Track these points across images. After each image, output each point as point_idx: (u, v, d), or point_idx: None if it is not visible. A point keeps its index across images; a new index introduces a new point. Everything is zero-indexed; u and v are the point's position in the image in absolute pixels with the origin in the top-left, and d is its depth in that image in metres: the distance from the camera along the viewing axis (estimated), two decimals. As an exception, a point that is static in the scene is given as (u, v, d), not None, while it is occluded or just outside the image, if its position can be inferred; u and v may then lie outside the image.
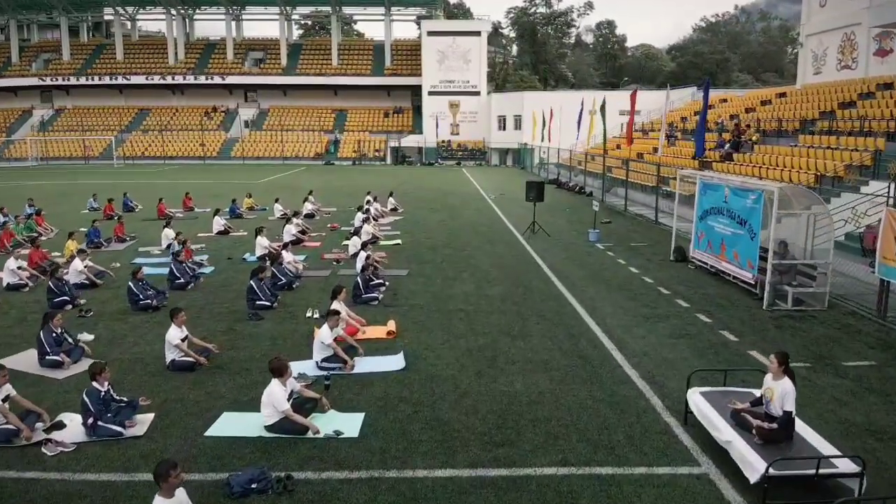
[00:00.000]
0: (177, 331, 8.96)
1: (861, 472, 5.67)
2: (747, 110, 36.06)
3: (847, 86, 29.55)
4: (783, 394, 6.37)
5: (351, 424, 7.24)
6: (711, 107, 43.38)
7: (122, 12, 72.31)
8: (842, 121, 25.77)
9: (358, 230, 17.44)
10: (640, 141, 38.94)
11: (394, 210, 26.12)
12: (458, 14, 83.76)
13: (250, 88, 69.81)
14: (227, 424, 7.36)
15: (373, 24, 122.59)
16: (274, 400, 7.01)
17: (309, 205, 24.79)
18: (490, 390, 8.22)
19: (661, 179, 25.62)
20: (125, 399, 7.61)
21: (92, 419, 7.18)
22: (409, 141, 63.08)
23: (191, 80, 66.87)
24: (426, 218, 24.60)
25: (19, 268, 13.95)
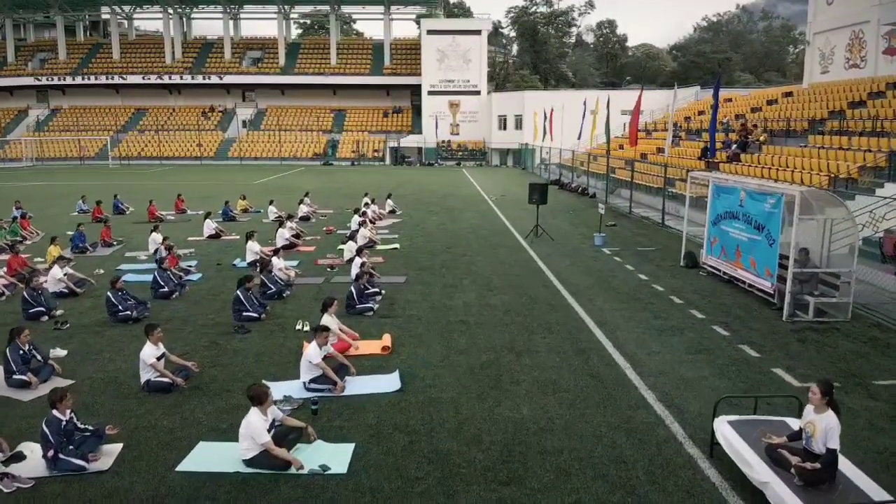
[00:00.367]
0: (152, 349, 8.23)
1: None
2: (753, 110, 35.31)
3: (856, 85, 28.87)
4: (827, 429, 5.64)
5: (339, 458, 6.50)
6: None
7: (119, 11, 71.67)
8: (852, 120, 25.07)
9: (354, 234, 16.70)
10: (644, 141, 38.22)
11: (392, 212, 25.38)
12: (458, 13, 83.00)
13: (248, 88, 69.15)
14: (201, 457, 6.62)
15: (372, 23, 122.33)
16: (253, 431, 6.27)
17: (304, 207, 24.04)
18: (494, 416, 7.47)
19: (667, 181, 24.87)
20: (90, 428, 6.88)
21: (52, 451, 6.46)
22: (409, 141, 62.34)
23: (188, 79, 66.22)
24: (425, 220, 23.86)
25: (-5, 275, 13.25)
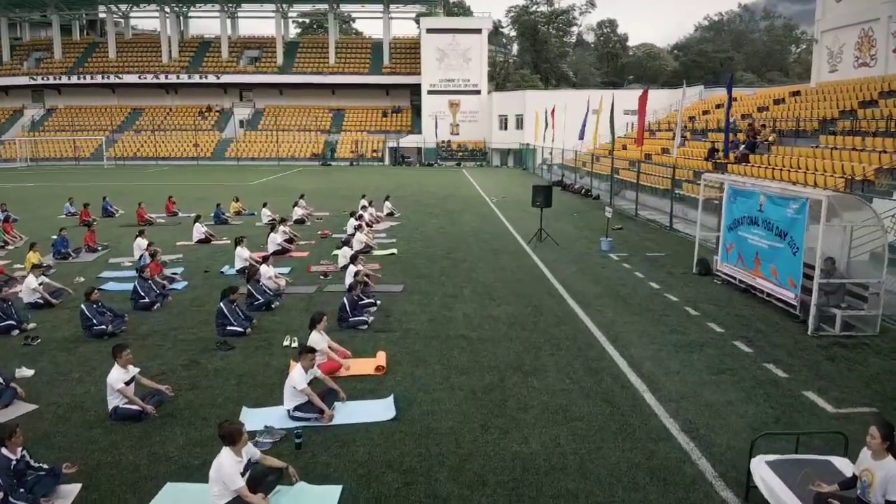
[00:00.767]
0: (120, 373, 7.44)
1: None
2: (760, 109, 34.48)
3: (866, 84, 28.10)
4: (887, 479, 4.86)
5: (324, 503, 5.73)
6: (720, 105, 42.08)
7: (115, 10, 70.84)
8: (864, 120, 24.28)
9: (349, 239, 15.87)
10: (648, 141, 37.39)
11: (390, 215, 24.57)
12: (458, 12, 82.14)
13: (245, 87, 68.36)
14: (168, 502, 5.84)
15: (371, 22, 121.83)
16: (224, 475, 5.48)
17: (299, 209, 23.20)
18: (499, 450, 6.67)
19: (673, 182, 24.07)
20: (45, 467, 6.11)
21: (1, 495, 5.70)
22: (408, 141, 61.54)
23: (185, 79, 65.44)
24: (424, 223, 23.06)
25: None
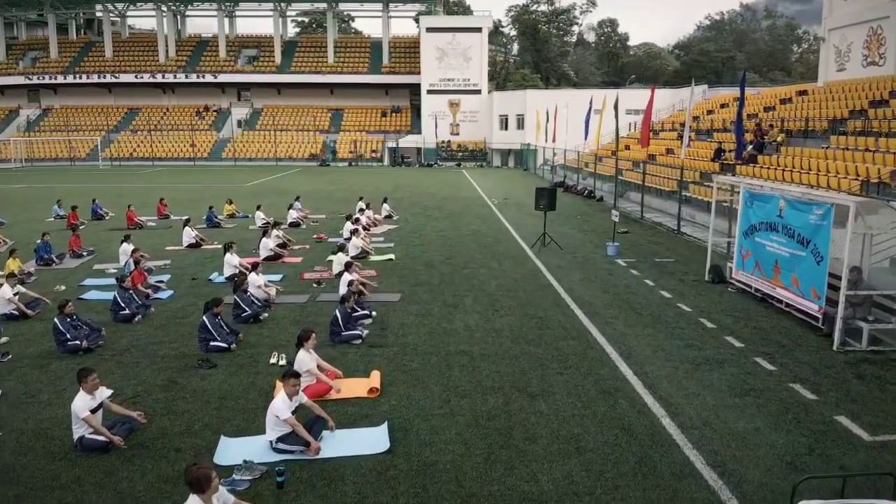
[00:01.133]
0: (84, 400, 6.72)
1: None
2: (766, 109, 33.79)
3: (876, 83, 27.40)
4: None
5: (306, 557, 5.02)
6: (725, 105, 41.38)
7: (112, 9, 70.14)
8: (876, 120, 23.59)
9: (344, 245, 15.14)
10: (651, 142, 36.63)
11: (388, 217, 23.86)
12: (458, 11, 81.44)
13: (243, 87, 67.66)
14: (129, 554, 5.14)
15: (370, 21, 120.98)
16: (190, 528, 4.79)
17: (294, 212, 22.46)
18: (505, 490, 5.94)
19: (680, 184, 23.37)
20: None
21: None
22: (408, 141, 60.82)
23: (182, 78, 64.73)
24: (423, 226, 22.34)
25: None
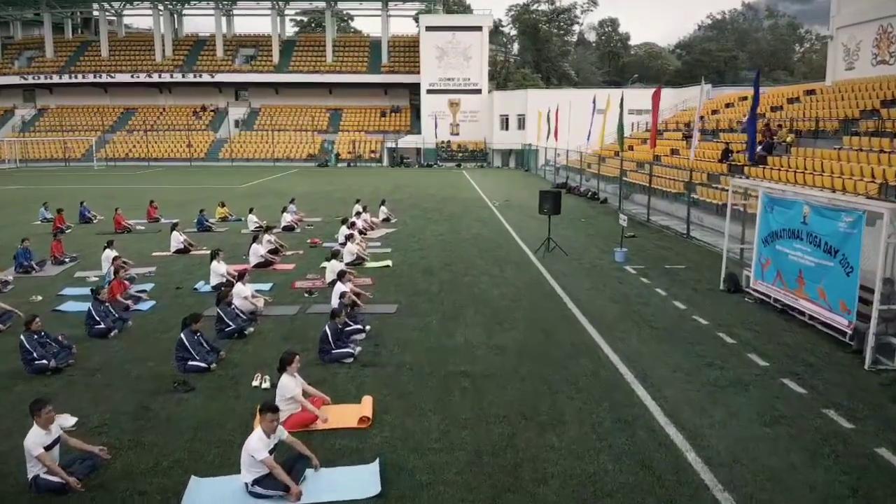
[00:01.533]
0: (38, 435, 5.94)
1: None
2: (773, 108, 33.04)
3: (887, 82, 26.73)
4: None
5: None
6: (730, 104, 40.62)
7: (108, 8, 69.52)
8: (889, 120, 22.86)
9: (338, 252, 14.35)
10: (657, 142, 35.90)
11: (386, 220, 23.09)
12: (458, 9, 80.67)
13: (241, 87, 67.00)
14: None
15: (369, 20, 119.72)
16: None
17: (288, 216, 21.65)
18: (513, 545, 5.19)
19: (689, 186, 22.58)
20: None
21: None
22: (407, 141, 60.07)
23: (178, 78, 64.08)
24: (422, 230, 21.56)
25: None
